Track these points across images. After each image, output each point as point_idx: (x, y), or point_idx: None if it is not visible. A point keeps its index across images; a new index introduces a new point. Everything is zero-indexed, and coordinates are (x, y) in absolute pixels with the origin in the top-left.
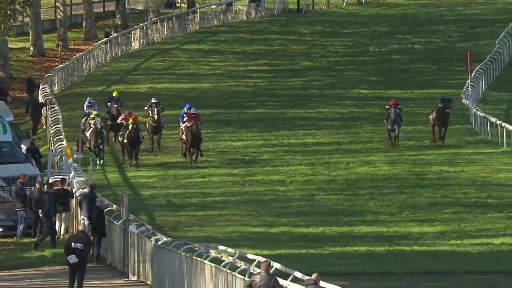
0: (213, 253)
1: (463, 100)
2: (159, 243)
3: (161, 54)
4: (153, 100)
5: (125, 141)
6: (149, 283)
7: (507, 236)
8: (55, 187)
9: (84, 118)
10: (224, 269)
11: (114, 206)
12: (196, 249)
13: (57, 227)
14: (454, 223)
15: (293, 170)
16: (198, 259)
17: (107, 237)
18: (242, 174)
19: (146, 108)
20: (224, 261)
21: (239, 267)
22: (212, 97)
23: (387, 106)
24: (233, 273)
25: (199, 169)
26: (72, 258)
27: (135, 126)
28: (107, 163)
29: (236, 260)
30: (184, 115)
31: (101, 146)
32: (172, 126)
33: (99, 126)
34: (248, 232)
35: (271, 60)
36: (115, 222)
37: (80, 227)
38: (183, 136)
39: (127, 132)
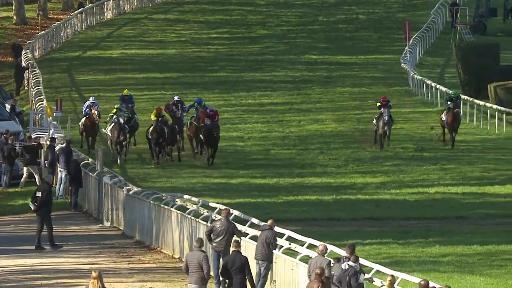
0: (179, 201)
1: (402, 65)
2: (131, 192)
3: (132, 23)
4: (176, 98)
5: (149, 136)
6: (121, 228)
7: (441, 186)
8: (27, 144)
9: (84, 118)
10: (189, 216)
11: (89, 159)
12: (163, 198)
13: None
14: (394, 174)
15: (251, 128)
16: (166, 207)
17: (84, 187)
18: None
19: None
20: (188, 208)
21: (202, 214)
22: (177, 62)
23: (378, 104)
24: (197, 219)
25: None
26: (32, 206)
27: (159, 119)
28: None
29: (200, 208)
30: (191, 108)
31: (124, 143)
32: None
33: (121, 120)
34: (210, 183)
35: (230, 28)
36: (90, 174)
37: (46, 178)
38: (201, 136)
39: (152, 127)
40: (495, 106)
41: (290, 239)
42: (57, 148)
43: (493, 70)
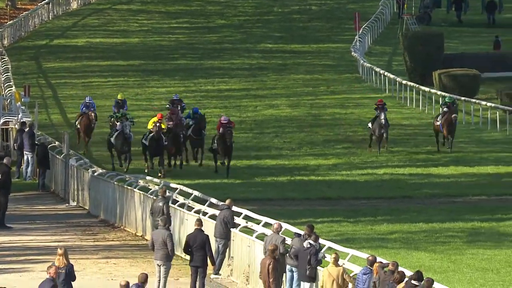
0: (141, 182)
1: (352, 53)
2: (96, 174)
3: (96, 13)
4: (175, 97)
5: (146, 143)
6: (87, 208)
7: (388, 168)
8: None
9: (80, 118)
10: (151, 196)
11: (56, 142)
12: (127, 179)
13: None
14: (345, 156)
15: (209, 112)
16: (129, 187)
17: (51, 169)
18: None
19: (168, 107)
20: (150, 189)
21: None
22: (140, 50)
23: (374, 106)
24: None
25: (128, 111)
26: None
27: (158, 125)
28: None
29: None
30: (187, 119)
31: (127, 154)
32: None
33: (127, 130)
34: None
35: (190, 18)
36: (57, 156)
37: (5, 160)
38: (214, 144)
39: (150, 134)
40: (439, 92)
41: (247, 218)
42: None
43: (438, 58)
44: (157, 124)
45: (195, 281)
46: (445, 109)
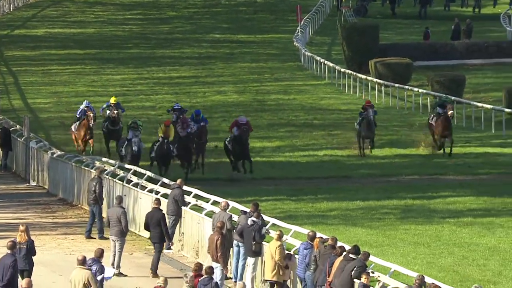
0: (98, 163)
1: (294, 43)
2: (55, 155)
3: (55, 5)
4: (176, 106)
5: (152, 155)
6: (46, 187)
7: (328, 149)
8: None
9: (78, 123)
10: (107, 177)
11: (17, 126)
12: (84, 160)
13: None
14: (288, 139)
15: (161, 98)
16: (86, 168)
17: (13, 151)
18: (121, 101)
19: (169, 110)
20: (106, 170)
21: (119, 175)
22: (96, 39)
23: (361, 110)
24: (114, 179)
25: (87, 97)
26: None
27: (165, 139)
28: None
29: (116, 169)
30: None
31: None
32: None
33: (135, 148)
34: None
35: (143, 10)
36: (18, 139)
37: None
38: (227, 145)
39: (158, 143)
40: (375, 80)
41: (196, 196)
42: None
43: (373, 48)
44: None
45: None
46: (439, 110)
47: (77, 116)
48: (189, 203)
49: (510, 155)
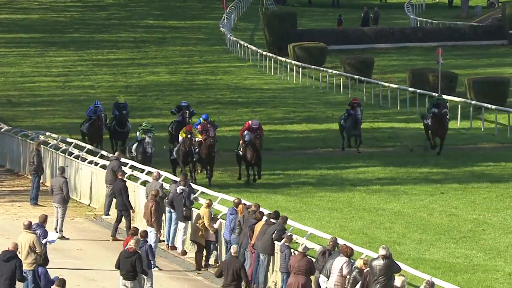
0: (42, 137)
1: (220, 29)
2: (2, 130)
3: None
4: (183, 103)
5: (174, 156)
6: None
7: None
8: None
9: (88, 123)
10: (50, 149)
11: None
12: (29, 134)
13: None
14: (215, 115)
15: (100, 78)
16: (31, 142)
17: None
18: (63, 81)
19: (173, 111)
20: (50, 143)
21: (61, 148)
22: (40, 25)
23: (348, 107)
24: (57, 152)
25: (30, 77)
26: None
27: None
28: None
29: (59, 142)
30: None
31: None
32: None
33: (149, 150)
34: (67, 122)
35: None
36: None
37: None
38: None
39: (180, 145)
40: (293, 62)
41: (132, 167)
42: None
43: (292, 33)
44: (189, 136)
45: (119, 221)
46: (434, 110)
47: (88, 115)
48: (126, 173)
49: (414, 130)
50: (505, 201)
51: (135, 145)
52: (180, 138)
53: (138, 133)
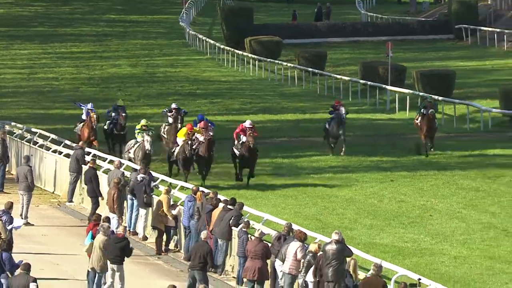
0: (7, 127)
1: (180, 23)
2: None
3: None
4: (173, 106)
5: (173, 158)
6: None
7: (210, 115)
8: None
9: (81, 124)
10: (15, 139)
11: None
12: None
13: None
14: None
15: (64, 70)
16: None
17: None
18: (28, 73)
19: (165, 111)
20: (15, 133)
21: (26, 137)
22: (5, 19)
23: (331, 109)
24: (22, 141)
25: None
26: None
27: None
28: None
29: (24, 132)
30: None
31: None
32: None
33: (148, 147)
34: (32, 113)
35: None
36: None
37: None
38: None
39: (180, 149)
40: (250, 55)
41: (95, 156)
42: None
43: (248, 27)
44: (189, 142)
45: (94, 208)
46: (423, 110)
47: (83, 118)
48: (88, 161)
49: (364, 120)
50: (451, 188)
51: (134, 147)
52: (180, 140)
53: (136, 134)
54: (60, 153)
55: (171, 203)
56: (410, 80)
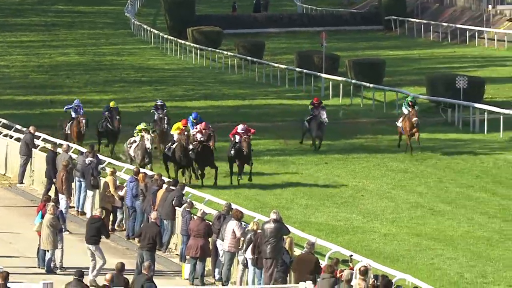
0: None
1: (125, 14)
2: None
3: None
4: (158, 102)
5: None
6: None
7: (154, 101)
8: None
9: (70, 123)
10: None
11: None
12: None
13: None
14: (121, 93)
15: (14, 58)
16: None
17: None
18: None
19: (153, 111)
20: None
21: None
22: None
23: (310, 106)
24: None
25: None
26: None
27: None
28: None
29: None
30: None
31: (148, 166)
32: None
33: (148, 145)
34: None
35: None
36: None
37: None
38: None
39: (175, 147)
40: (192, 44)
41: (44, 140)
42: None
43: (191, 18)
44: (186, 133)
45: (48, 188)
46: (405, 111)
47: (73, 116)
48: (38, 145)
49: (300, 106)
50: (381, 170)
51: (133, 146)
52: (175, 135)
53: (136, 135)
54: (11, 137)
55: (117, 184)
56: (343, 68)
